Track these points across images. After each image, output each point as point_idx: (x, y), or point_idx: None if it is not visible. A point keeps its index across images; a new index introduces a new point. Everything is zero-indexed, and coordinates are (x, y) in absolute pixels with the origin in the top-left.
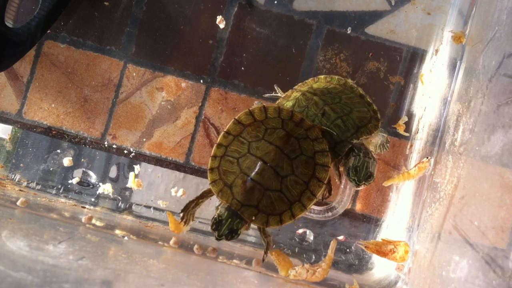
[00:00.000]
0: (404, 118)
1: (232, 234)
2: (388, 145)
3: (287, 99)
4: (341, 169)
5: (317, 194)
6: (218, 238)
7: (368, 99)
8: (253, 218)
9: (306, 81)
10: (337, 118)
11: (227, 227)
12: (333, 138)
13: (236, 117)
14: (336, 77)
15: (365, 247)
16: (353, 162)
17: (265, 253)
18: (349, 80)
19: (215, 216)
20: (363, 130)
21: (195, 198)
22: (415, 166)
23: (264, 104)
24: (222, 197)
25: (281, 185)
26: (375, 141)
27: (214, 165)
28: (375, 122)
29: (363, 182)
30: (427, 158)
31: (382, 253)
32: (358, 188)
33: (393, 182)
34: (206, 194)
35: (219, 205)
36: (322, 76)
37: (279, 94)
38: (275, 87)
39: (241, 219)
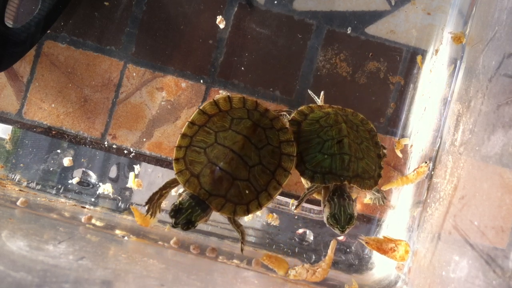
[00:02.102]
0: (406, 140)
1: (188, 225)
2: (384, 200)
3: (320, 109)
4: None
5: (283, 184)
6: (174, 226)
7: (382, 164)
8: (221, 207)
9: (347, 109)
10: (347, 154)
11: (185, 217)
12: (330, 166)
13: (201, 107)
14: (371, 125)
15: (366, 242)
16: (330, 210)
17: (242, 243)
18: (378, 138)
19: (176, 203)
20: (359, 180)
21: (158, 189)
22: (414, 170)
23: (229, 94)
24: (189, 187)
25: (249, 174)
26: (368, 196)
27: (180, 155)
28: (372, 183)
29: (347, 226)
30: (426, 162)
31: (383, 251)
32: (343, 234)
33: (392, 186)
34: (169, 185)
35: (183, 191)
36: (360, 115)
37: (319, 100)
38: (322, 93)
39: (202, 210)
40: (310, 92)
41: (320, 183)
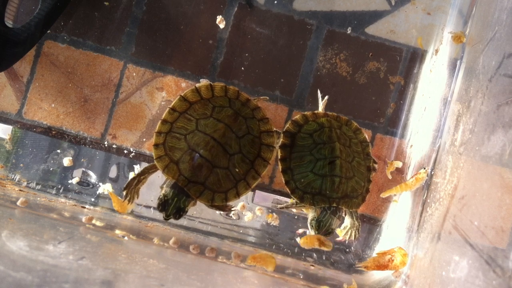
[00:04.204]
0: (398, 163)
1: (180, 213)
2: (357, 235)
3: (315, 118)
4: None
5: (261, 173)
6: (166, 218)
7: (371, 177)
8: (199, 195)
9: (342, 117)
10: (338, 177)
11: (174, 207)
12: (321, 187)
13: (182, 94)
14: (364, 135)
15: (365, 267)
16: (319, 216)
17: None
18: (371, 148)
19: (161, 197)
20: (347, 201)
21: (136, 175)
22: (412, 177)
23: (210, 82)
24: (168, 173)
25: (228, 163)
26: (345, 223)
27: (159, 141)
28: (360, 201)
29: (323, 236)
30: (424, 168)
31: (383, 266)
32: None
33: (391, 193)
34: (147, 170)
35: (164, 184)
36: (355, 124)
37: (321, 103)
38: (326, 98)
39: (187, 196)
40: (319, 92)
41: (310, 205)
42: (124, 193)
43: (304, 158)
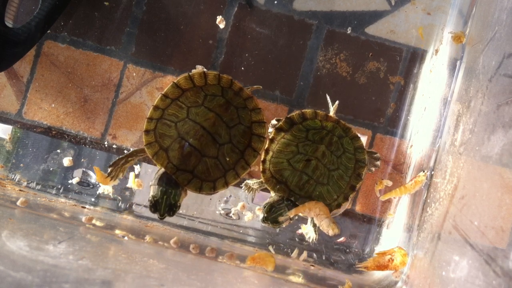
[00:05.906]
0: (388, 182)
1: (173, 209)
2: (314, 238)
3: (324, 119)
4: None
5: (251, 164)
6: (161, 218)
7: (351, 197)
8: (187, 183)
9: (353, 131)
10: (307, 175)
11: (165, 205)
12: (287, 178)
13: (175, 81)
14: (364, 156)
15: (365, 267)
16: (274, 201)
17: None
18: (363, 171)
19: (150, 199)
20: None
21: (124, 156)
22: (411, 179)
23: (205, 70)
24: (157, 160)
25: (218, 152)
26: (307, 228)
27: (150, 127)
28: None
29: (268, 222)
30: (424, 171)
31: (383, 266)
32: (261, 223)
33: (391, 196)
34: (136, 153)
35: (151, 184)
36: (360, 142)
37: (331, 107)
38: (336, 103)
39: (176, 189)
40: (327, 96)
41: (271, 189)
42: (109, 170)
43: (289, 147)
